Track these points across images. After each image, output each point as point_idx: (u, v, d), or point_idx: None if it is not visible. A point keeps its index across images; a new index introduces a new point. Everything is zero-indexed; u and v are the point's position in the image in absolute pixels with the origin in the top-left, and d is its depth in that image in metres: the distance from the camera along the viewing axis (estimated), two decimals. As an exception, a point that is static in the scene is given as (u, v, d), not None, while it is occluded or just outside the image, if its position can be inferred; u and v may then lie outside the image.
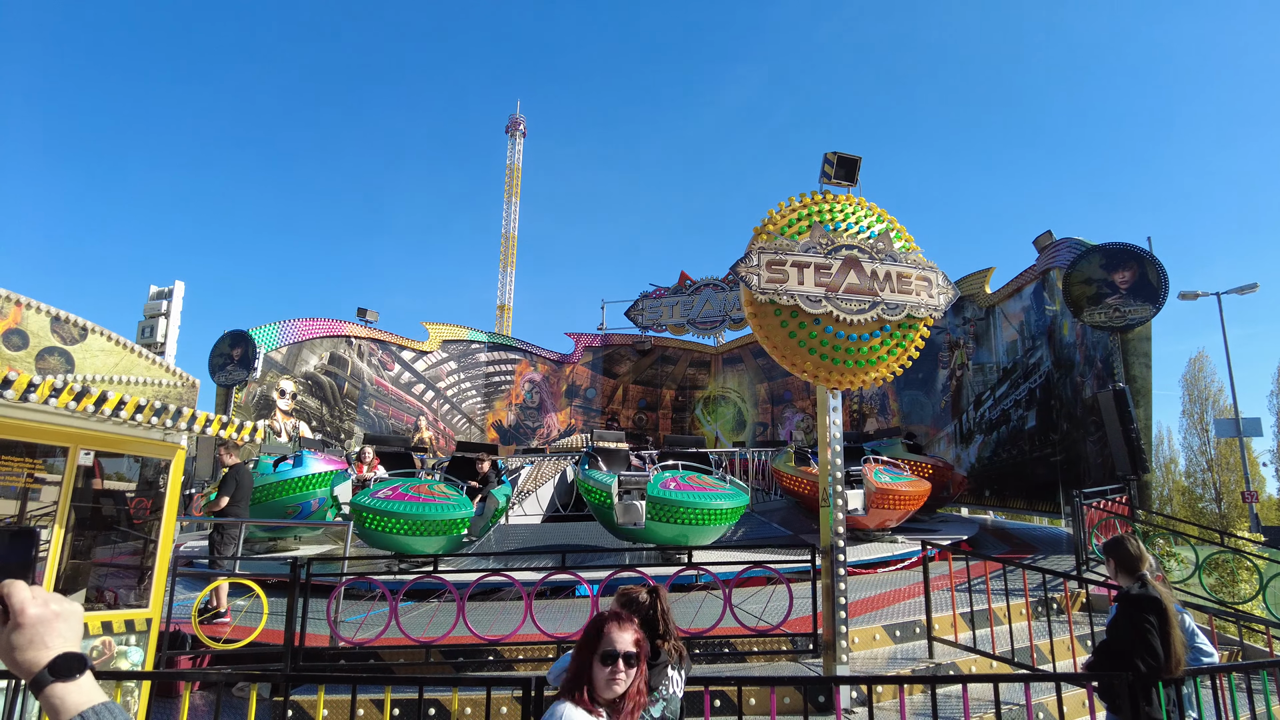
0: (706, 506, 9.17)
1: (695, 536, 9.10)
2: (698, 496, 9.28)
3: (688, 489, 9.41)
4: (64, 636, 1.04)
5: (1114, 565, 3.87)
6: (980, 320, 16.29)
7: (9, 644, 1.01)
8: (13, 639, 1.01)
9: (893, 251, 5.83)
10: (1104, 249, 11.58)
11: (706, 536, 9.30)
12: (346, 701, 4.97)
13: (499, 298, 57.68)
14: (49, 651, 1.01)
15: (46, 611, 1.03)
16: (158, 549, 4.84)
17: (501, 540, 11.66)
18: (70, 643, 1.04)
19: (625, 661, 2.18)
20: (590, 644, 2.24)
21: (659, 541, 9.22)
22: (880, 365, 5.74)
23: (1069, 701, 5.33)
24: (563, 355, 26.22)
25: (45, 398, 3.68)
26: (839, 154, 6.05)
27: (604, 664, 2.18)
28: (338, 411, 19.16)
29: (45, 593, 1.06)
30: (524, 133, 60.50)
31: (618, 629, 2.24)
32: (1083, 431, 12.18)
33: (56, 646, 1.02)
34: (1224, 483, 36.68)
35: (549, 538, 12.03)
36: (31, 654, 1.00)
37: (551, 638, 5.92)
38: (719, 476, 10.51)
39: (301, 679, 5.19)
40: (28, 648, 1.00)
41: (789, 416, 24.00)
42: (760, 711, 5.20)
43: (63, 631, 1.04)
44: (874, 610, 7.32)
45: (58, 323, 4.51)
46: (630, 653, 2.20)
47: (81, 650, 1.05)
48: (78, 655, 1.03)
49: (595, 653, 2.20)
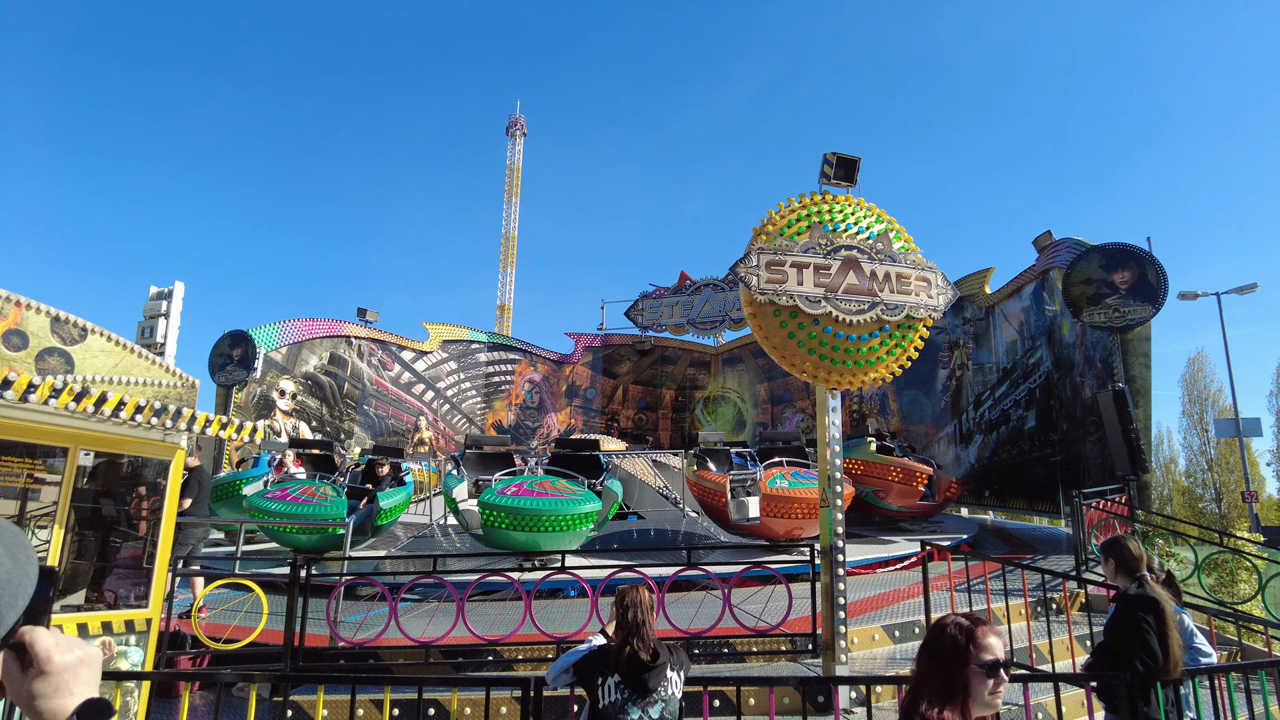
0: (560, 513, 8.78)
1: (549, 542, 8.77)
2: (549, 503, 8.91)
3: (537, 495, 9.07)
4: (87, 683, 1.02)
5: (1112, 566, 3.88)
6: (980, 320, 16.29)
7: (31, 692, 0.98)
8: (36, 687, 0.98)
9: (892, 252, 5.83)
10: (1103, 249, 11.59)
11: (562, 542, 8.77)
12: (346, 701, 4.98)
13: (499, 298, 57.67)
14: (74, 699, 0.99)
15: (71, 658, 1.01)
16: (158, 549, 4.84)
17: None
18: (92, 689, 1.02)
19: (1005, 670, 1.99)
20: (961, 654, 1.99)
21: (513, 547, 9.01)
22: (879, 366, 5.74)
23: (1068, 702, 5.33)
24: (563, 355, 26.23)
25: (45, 398, 3.69)
26: (838, 154, 6.06)
27: (989, 675, 1.96)
28: (338, 412, 19.17)
29: (67, 638, 1.04)
30: (524, 133, 60.50)
31: (992, 634, 2.02)
32: (1082, 432, 12.18)
33: (80, 694, 1.00)
34: (1224, 483, 36.70)
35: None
36: (56, 702, 0.98)
37: (551, 638, 5.93)
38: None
39: (301, 679, 5.20)
40: (52, 695, 0.98)
41: (789, 416, 24.01)
42: (759, 711, 5.21)
43: (86, 678, 1.02)
44: (873, 610, 7.33)
45: (57, 323, 4.52)
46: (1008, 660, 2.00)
47: (104, 696, 1.03)
48: (104, 702, 1.02)
49: (971, 663, 1.97)
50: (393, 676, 5.52)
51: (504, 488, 9.20)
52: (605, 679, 3.09)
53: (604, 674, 3.10)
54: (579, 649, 3.30)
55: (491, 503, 8.81)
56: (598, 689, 3.09)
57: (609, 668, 3.11)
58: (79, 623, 4.32)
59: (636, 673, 3.07)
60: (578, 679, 3.21)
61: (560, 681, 3.27)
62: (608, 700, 3.05)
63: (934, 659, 2.03)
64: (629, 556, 9.17)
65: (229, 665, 6.07)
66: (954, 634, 2.04)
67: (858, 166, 6.05)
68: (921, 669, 2.07)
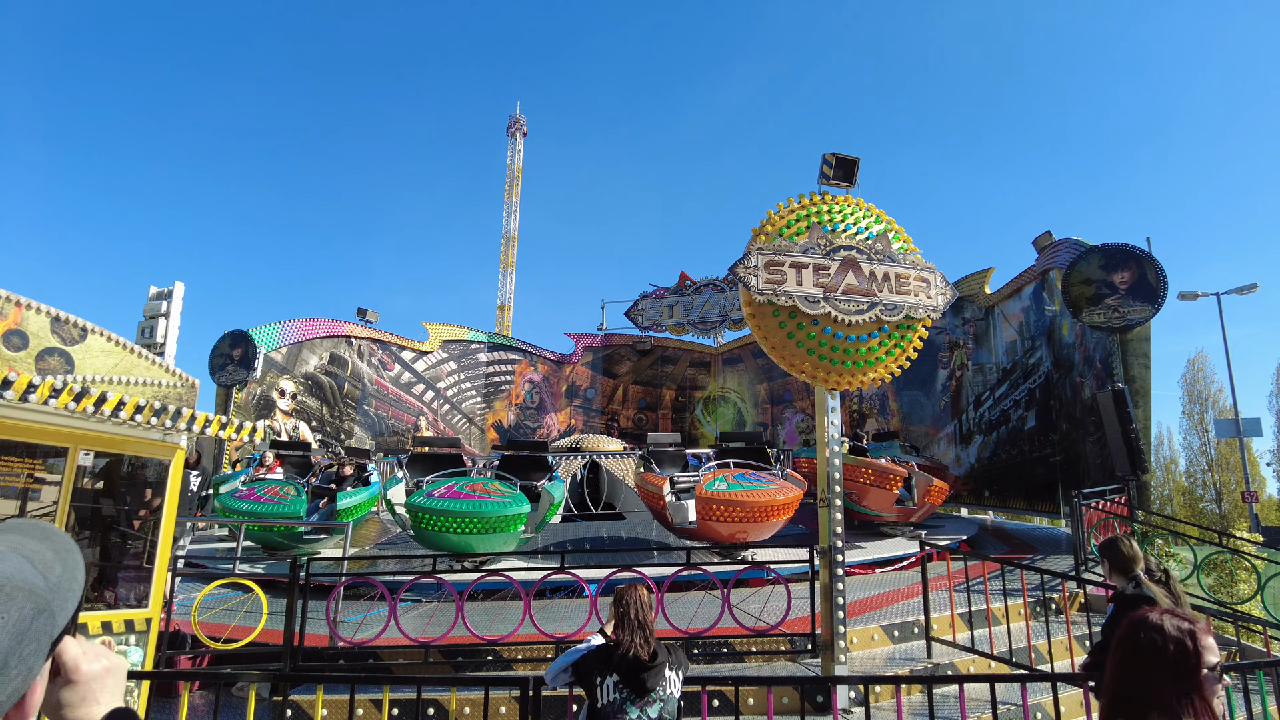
0: (487, 514, 8.89)
1: (481, 544, 8.92)
2: (477, 504, 9.05)
3: (465, 497, 9.21)
4: (112, 692, 1.01)
5: (1108, 566, 3.89)
6: (980, 320, 16.30)
7: (59, 701, 0.98)
8: (63, 696, 0.98)
9: (891, 252, 5.84)
10: (1103, 249, 11.59)
11: (494, 544, 9.04)
12: (345, 701, 4.98)
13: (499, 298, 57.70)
14: (100, 708, 0.99)
15: (98, 667, 1.00)
16: (157, 549, 4.85)
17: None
18: (118, 698, 1.02)
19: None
20: (1192, 659, 1.76)
21: (445, 549, 9.06)
22: (878, 366, 5.75)
23: (1066, 701, 5.34)
24: (563, 355, 26.23)
25: (45, 398, 3.69)
26: (837, 155, 6.07)
27: (1217, 680, 1.78)
28: (338, 411, 19.17)
29: (95, 646, 1.04)
30: (524, 133, 60.52)
31: (1209, 633, 1.82)
32: (1082, 432, 12.18)
33: (106, 703, 1.00)
34: (1224, 483, 36.67)
35: (553, 536, 12.04)
36: (84, 711, 0.98)
37: (550, 638, 5.94)
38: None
39: (301, 679, 5.20)
40: (80, 705, 0.98)
41: (789, 417, 24.02)
42: (758, 711, 5.21)
43: (112, 688, 1.02)
44: (873, 610, 7.33)
45: (58, 323, 4.53)
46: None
47: (129, 705, 1.03)
48: (131, 713, 1.01)
49: (1203, 667, 1.75)
50: (392, 676, 5.53)
51: (435, 489, 9.35)
52: (604, 678, 3.10)
53: (602, 673, 3.11)
54: (578, 648, 3.30)
55: (419, 504, 8.94)
56: (596, 688, 3.10)
57: (607, 667, 3.11)
58: (78, 622, 4.32)
59: (635, 672, 3.08)
60: (576, 678, 3.22)
61: (559, 681, 3.28)
62: (606, 699, 3.05)
63: (1155, 666, 1.77)
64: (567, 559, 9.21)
65: (228, 665, 6.08)
66: (1178, 636, 1.79)
67: (857, 167, 6.06)
68: (1135, 679, 1.80)
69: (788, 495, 9.45)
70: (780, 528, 9.83)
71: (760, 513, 9.20)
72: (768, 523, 9.39)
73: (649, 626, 3.23)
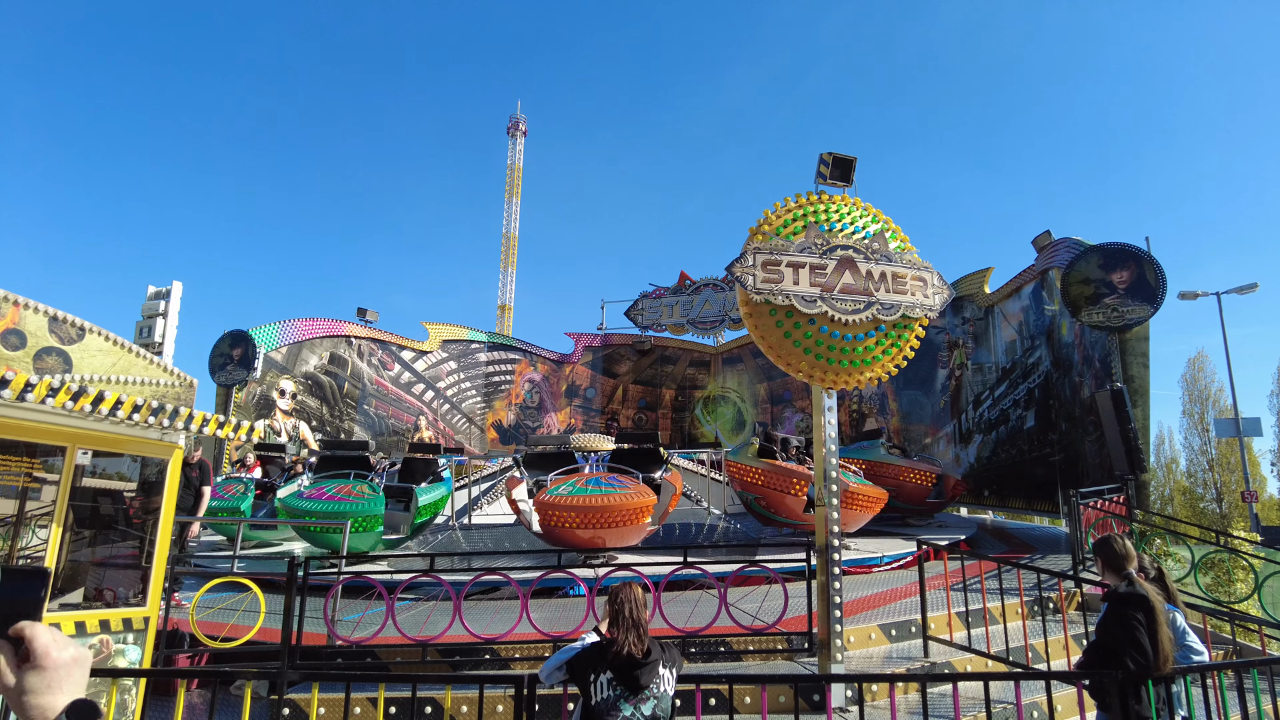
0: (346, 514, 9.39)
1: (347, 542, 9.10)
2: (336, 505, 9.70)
3: (329, 498, 9.94)
4: (76, 683, 1.03)
5: (1101, 564, 3.90)
6: (979, 320, 16.31)
7: (24, 687, 0.99)
8: (29, 681, 0.99)
9: (888, 252, 5.84)
10: (1102, 249, 11.60)
11: (360, 542, 9.70)
12: (342, 700, 4.99)
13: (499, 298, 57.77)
14: (64, 697, 1.00)
15: (66, 656, 1.02)
16: (156, 548, 4.86)
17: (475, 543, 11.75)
18: (80, 690, 1.03)
19: None
20: None
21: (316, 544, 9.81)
22: (875, 365, 5.75)
23: (1061, 700, 5.35)
24: (563, 355, 26.25)
25: (42, 397, 3.71)
26: (835, 154, 6.07)
27: None
28: (338, 411, 19.19)
29: (63, 636, 1.04)
30: (524, 133, 60.57)
31: None
32: (1081, 431, 12.19)
33: (69, 693, 1.01)
34: (1224, 482, 36.65)
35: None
36: (48, 698, 0.99)
37: (547, 636, 5.95)
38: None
39: (298, 677, 5.22)
40: (44, 692, 0.99)
41: (789, 416, 24.03)
42: (754, 710, 5.22)
43: (77, 679, 1.03)
44: (870, 609, 7.33)
45: (55, 322, 4.54)
46: None
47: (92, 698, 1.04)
48: (93, 705, 1.02)
49: None
50: (388, 674, 5.54)
51: (308, 490, 10.25)
52: (598, 676, 3.11)
53: (596, 671, 3.12)
54: (572, 646, 3.32)
55: (288, 504, 9.86)
56: (590, 686, 3.11)
57: (601, 664, 3.13)
58: (77, 620, 4.34)
59: (628, 669, 3.09)
60: (570, 676, 3.23)
61: (553, 679, 3.29)
62: (600, 697, 3.06)
63: None
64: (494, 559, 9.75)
65: (226, 663, 6.09)
66: None
67: (854, 166, 6.06)
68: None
69: (641, 500, 9.02)
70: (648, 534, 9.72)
71: (614, 518, 8.81)
72: (627, 528, 8.98)
73: (643, 624, 3.24)
